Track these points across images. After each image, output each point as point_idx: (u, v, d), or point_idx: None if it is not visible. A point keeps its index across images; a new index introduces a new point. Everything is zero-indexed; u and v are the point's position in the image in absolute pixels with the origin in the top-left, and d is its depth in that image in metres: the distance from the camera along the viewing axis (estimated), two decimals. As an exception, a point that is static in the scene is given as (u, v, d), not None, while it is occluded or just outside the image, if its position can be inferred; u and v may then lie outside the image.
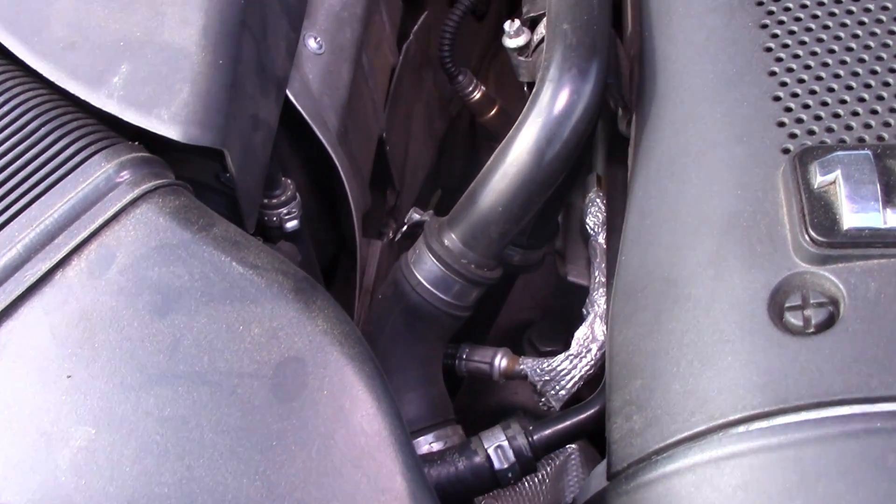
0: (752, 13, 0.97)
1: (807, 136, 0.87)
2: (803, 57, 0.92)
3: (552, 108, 0.96)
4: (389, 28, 1.59)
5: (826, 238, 0.79)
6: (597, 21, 0.99)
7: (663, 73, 1.00)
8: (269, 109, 1.05)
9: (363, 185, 1.44)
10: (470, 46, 2.31)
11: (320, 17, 1.25)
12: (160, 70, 0.92)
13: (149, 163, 0.91)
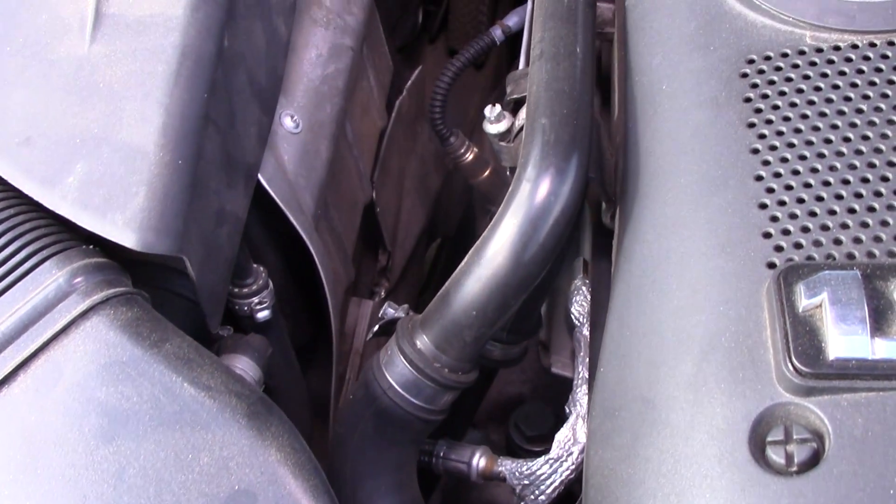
0: (739, 110, 0.92)
1: (793, 250, 0.82)
2: (791, 161, 0.87)
3: (528, 210, 0.91)
4: (377, 91, 1.55)
5: (811, 368, 0.74)
6: (577, 115, 0.95)
7: (647, 169, 0.96)
8: (237, 201, 1.01)
9: (345, 260, 1.40)
10: (468, 96, 2.28)
11: (298, 93, 1.21)
12: (116, 170, 0.88)
13: (103, 269, 0.87)
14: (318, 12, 1.29)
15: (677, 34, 1.01)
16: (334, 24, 1.30)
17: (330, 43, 1.28)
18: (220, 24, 0.97)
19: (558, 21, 1.03)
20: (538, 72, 0.99)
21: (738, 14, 0.99)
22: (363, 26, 1.37)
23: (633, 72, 1.04)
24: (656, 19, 1.04)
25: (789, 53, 0.94)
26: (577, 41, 1.02)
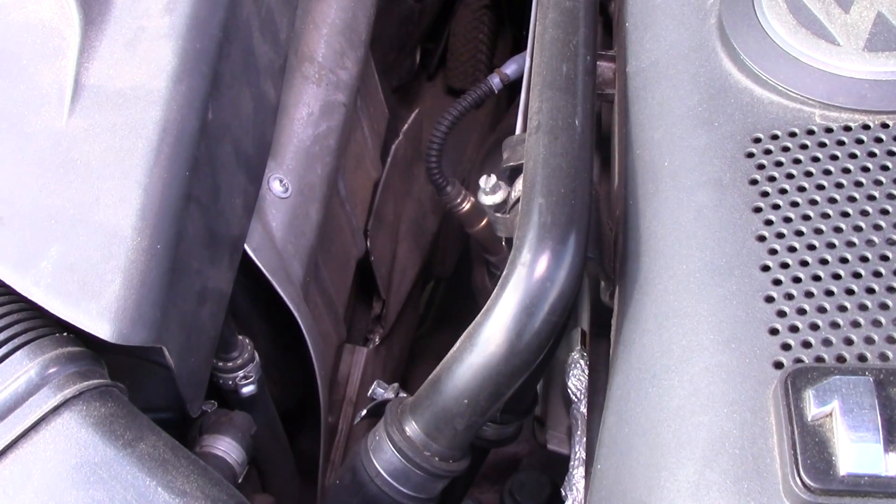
0: (745, 193, 0.88)
1: (801, 349, 0.78)
2: (799, 251, 0.83)
3: (523, 295, 0.87)
4: (372, 142, 1.51)
5: (820, 484, 0.70)
6: (575, 194, 0.91)
7: (648, 252, 0.92)
8: (221, 277, 0.97)
9: (336, 320, 1.36)
10: (466, 134, 2.24)
11: (288, 155, 1.17)
12: (92, 255, 0.84)
13: (77, 360, 0.83)
14: (311, 68, 1.25)
15: (680, 107, 0.97)
16: (326, 80, 1.26)
17: (322, 100, 1.25)
18: (204, 96, 0.93)
19: (556, 91, 0.99)
20: (535, 146, 0.96)
21: (743, 88, 0.95)
22: (357, 80, 1.34)
23: (634, 144, 1.00)
24: (658, 90, 1.00)
25: (797, 133, 0.90)
26: (576, 113, 0.98)
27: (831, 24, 0.93)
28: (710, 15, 1.01)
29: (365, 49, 1.38)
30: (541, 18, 1.10)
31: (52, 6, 0.98)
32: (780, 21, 0.95)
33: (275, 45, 1.10)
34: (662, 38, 1.04)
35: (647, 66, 1.04)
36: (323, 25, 1.29)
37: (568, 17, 1.07)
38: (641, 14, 1.09)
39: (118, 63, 0.93)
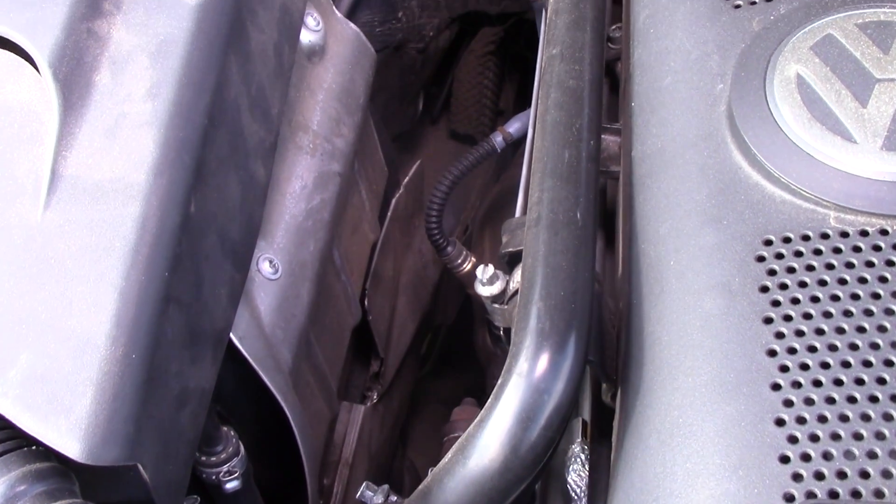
0: (755, 301, 0.83)
1: (813, 481, 0.73)
2: (812, 369, 0.78)
3: (519, 408, 0.82)
4: (370, 204, 1.47)
5: None
6: (575, 296, 0.86)
7: (651, 359, 0.87)
8: (203, 374, 0.92)
9: (329, 396, 1.31)
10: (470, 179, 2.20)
11: (278, 233, 1.13)
12: (63, 365, 0.79)
13: (47, 477, 0.78)
14: (305, 138, 1.21)
15: (687, 201, 0.92)
16: (321, 149, 1.22)
17: (316, 172, 1.20)
18: (187, 189, 0.88)
19: (558, 180, 0.95)
20: (534, 241, 0.91)
21: (754, 184, 0.90)
22: (353, 146, 1.29)
23: (639, 237, 0.95)
24: (664, 180, 0.96)
25: (811, 236, 0.85)
26: (578, 204, 0.93)
27: (847, 119, 0.88)
28: (720, 101, 0.97)
29: (363, 112, 1.34)
30: (542, 97, 1.05)
31: (32, 87, 0.93)
32: (794, 114, 0.90)
33: (266, 121, 1.05)
34: (669, 123, 0.99)
35: (653, 153, 0.99)
36: (319, 91, 1.25)
37: (571, 97, 1.03)
38: (648, 95, 1.04)
39: (97, 152, 0.89)
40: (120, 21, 0.97)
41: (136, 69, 0.94)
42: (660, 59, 1.05)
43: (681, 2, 1.07)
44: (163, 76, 0.92)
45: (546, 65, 1.09)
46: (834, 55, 0.93)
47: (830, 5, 0.98)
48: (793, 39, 0.95)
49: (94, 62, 0.94)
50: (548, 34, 1.13)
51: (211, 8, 0.97)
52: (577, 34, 1.10)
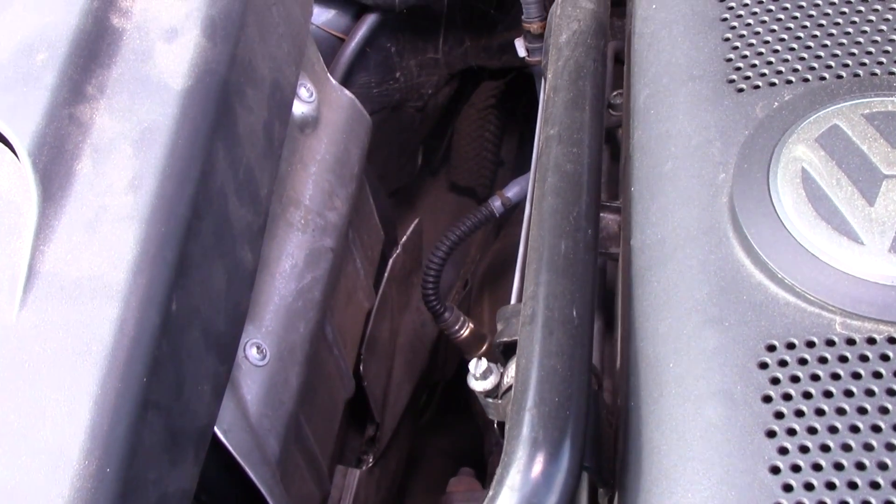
0: (758, 412, 0.80)
1: None
2: (817, 489, 0.75)
3: (510, 523, 0.79)
4: (365, 271, 1.44)
5: None
6: (570, 402, 0.83)
7: (650, 468, 0.83)
8: (184, 476, 0.89)
9: (320, 479, 1.28)
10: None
11: (267, 316, 1.09)
12: (34, 479, 0.76)
13: None
14: (296, 214, 1.18)
15: (687, 299, 0.89)
16: (313, 224, 1.19)
17: (308, 249, 1.17)
18: (168, 287, 0.85)
19: (554, 274, 0.92)
20: (528, 341, 0.87)
21: (757, 284, 0.86)
22: (347, 218, 1.26)
23: (638, 335, 0.92)
24: (664, 275, 0.92)
25: (816, 343, 0.82)
26: (575, 301, 0.90)
27: (854, 219, 0.85)
28: (722, 192, 0.93)
29: (357, 182, 1.31)
30: (539, 181, 1.02)
31: (11, 177, 0.91)
32: (798, 211, 0.87)
33: (254, 204, 1.02)
34: (670, 212, 0.96)
35: (653, 243, 0.96)
36: (311, 164, 1.22)
37: (568, 182, 1.00)
38: (648, 180, 1.01)
39: (76, 248, 0.86)
40: (103, 106, 0.94)
41: (119, 158, 0.91)
42: (660, 143, 1.02)
43: (682, 83, 1.04)
44: (145, 167, 0.90)
45: (543, 146, 1.06)
46: (840, 148, 0.90)
47: (836, 93, 0.95)
48: (797, 129, 0.92)
49: (76, 150, 0.91)
50: (545, 112, 1.10)
51: (197, 93, 0.94)
52: (576, 114, 1.07)
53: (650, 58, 1.10)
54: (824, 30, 1.02)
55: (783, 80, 0.99)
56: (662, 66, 1.07)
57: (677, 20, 1.10)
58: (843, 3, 1.04)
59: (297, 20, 1.16)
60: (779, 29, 1.03)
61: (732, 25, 1.05)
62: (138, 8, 1.00)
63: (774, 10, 1.05)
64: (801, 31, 1.02)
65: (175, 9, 1.00)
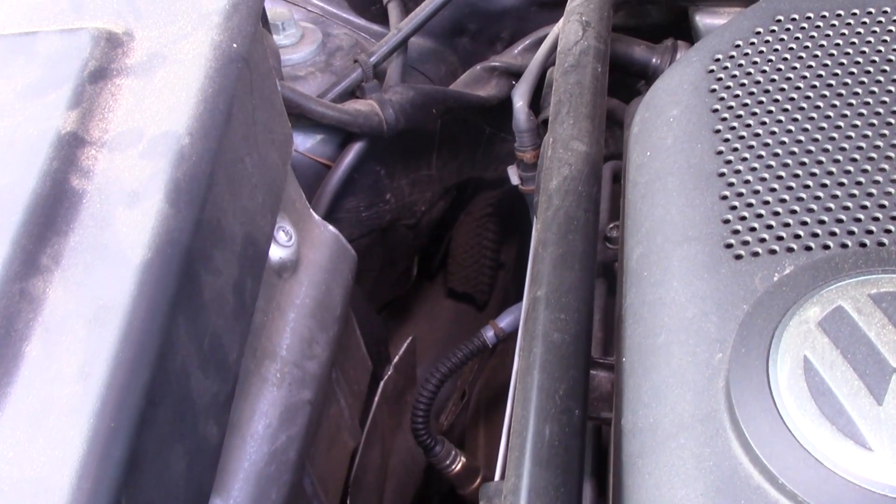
0: None
1: None
2: None
3: None
4: (350, 410, 1.37)
5: None
6: None
7: None
8: None
9: None
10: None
11: (235, 486, 1.03)
12: None
13: None
14: (271, 367, 1.12)
15: (682, 498, 0.82)
16: (290, 377, 1.13)
17: (283, 405, 1.11)
18: (116, 489, 0.79)
19: (537, 465, 0.85)
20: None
21: (755, 488, 0.79)
22: (327, 365, 1.20)
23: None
24: (657, 467, 0.85)
25: (821, 561, 0.75)
26: (560, 496, 0.83)
27: (861, 420, 0.78)
28: (719, 375, 0.87)
29: (340, 324, 1.25)
30: (525, 350, 0.96)
31: (-44, 358, 0.85)
32: (800, 407, 0.80)
33: (221, 372, 0.96)
34: (663, 393, 0.89)
35: (645, 428, 0.89)
36: (289, 310, 1.16)
37: (555, 355, 0.94)
38: (640, 352, 0.94)
39: (20, 444, 0.80)
40: (57, 279, 0.89)
41: (70, 341, 0.85)
42: (653, 312, 0.95)
43: (677, 244, 0.98)
44: (97, 351, 0.84)
45: (530, 308, 1.00)
46: (845, 335, 0.83)
47: (841, 267, 0.88)
48: (799, 310, 0.86)
49: (26, 330, 0.86)
50: (533, 269, 1.04)
51: (157, 267, 0.88)
52: (565, 274, 1.01)
53: (644, 211, 1.04)
54: (828, 190, 0.96)
55: (784, 247, 0.93)
56: (656, 223, 1.02)
57: (672, 172, 1.04)
58: (848, 161, 0.98)
59: (273, 165, 1.11)
60: (779, 188, 0.97)
61: (730, 182, 1.00)
62: (100, 168, 0.95)
63: (775, 167, 0.99)
64: (803, 191, 0.96)
65: (139, 169, 0.94)
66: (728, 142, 1.03)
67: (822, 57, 1.08)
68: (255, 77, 1.07)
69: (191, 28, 1.05)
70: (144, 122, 0.98)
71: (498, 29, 1.77)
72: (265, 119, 1.09)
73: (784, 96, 1.05)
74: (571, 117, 1.19)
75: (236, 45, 1.03)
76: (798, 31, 1.11)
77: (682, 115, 1.08)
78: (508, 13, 1.74)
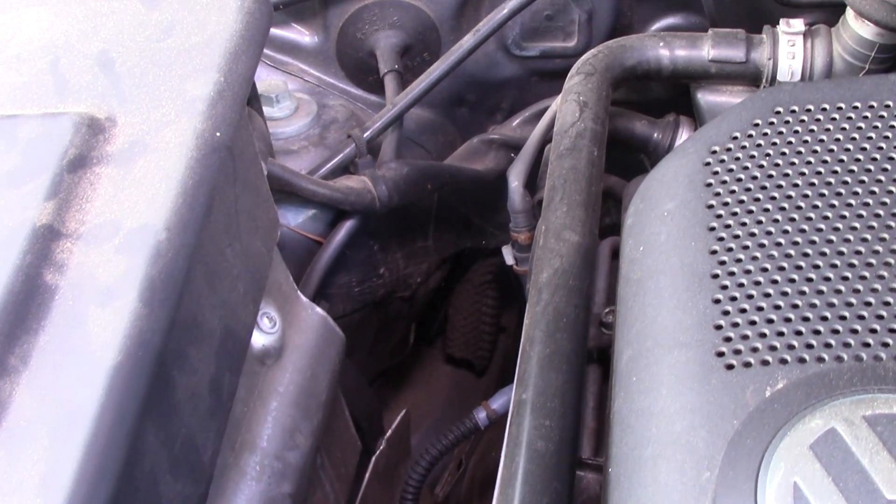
0: None
1: None
2: None
3: None
4: (335, 495, 1.34)
5: None
6: None
7: None
8: None
9: None
10: (467, 406, 2.07)
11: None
12: None
13: None
14: (251, 460, 1.08)
15: None
16: (270, 470, 1.10)
17: (262, 500, 1.08)
18: None
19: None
20: None
21: None
22: (310, 455, 1.17)
23: None
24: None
25: None
26: None
27: (855, 559, 0.75)
28: (706, 495, 0.83)
29: (326, 409, 1.22)
30: (508, 458, 0.93)
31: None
32: (789, 541, 0.77)
33: (194, 473, 0.93)
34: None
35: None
36: (271, 399, 1.13)
37: (538, 465, 0.91)
38: (627, 464, 0.91)
39: (-27, 563, 0.77)
40: (25, 381, 0.86)
41: (34, 449, 0.82)
42: (641, 422, 0.92)
43: (667, 349, 0.95)
44: (60, 461, 0.81)
45: (515, 411, 0.97)
46: (838, 460, 0.80)
47: (835, 384, 0.85)
48: (791, 431, 0.82)
49: (-11, 436, 0.83)
50: (519, 369, 1.01)
51: (127, 370, 0.85)
52: (552, 376, 0.98)
53: (635, 311, 1.01)
54: (824, 297, 0.93)
55: (777, 358, 0.89)
56: (647, 325, 0.98)
57: (665, 270, 1.01)
58: (846, 267, 0.95)
59: (256, 254, 1.08)
60: (774, 293, 0.94)
61: (724, 284, 0.96)
62: (74, 262, 0.93)
63: (770, 270, 0.96)
64: (798, 298, 0.93)
65: (114, 265, 0.92)
66: (723, 241, 1.00)
67: (822, 153, 1.05)
68: (238, 165, 1.05)
69: (174, 115, 1.03)
70: (122, 213, 0.96)
71: (498, 99, 1.76)
72: (249, 207, 1.07)
73: (781, 194, 1.02)
74: (565, 204, 1.17)
75: (220, 134, 1.01)
76: (797, 125, 1.09)
77: (677, 210, 1.05)
78: (508, 83, 1.72)
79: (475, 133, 1.71)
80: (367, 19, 1.59)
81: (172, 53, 1.10)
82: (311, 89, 1.64)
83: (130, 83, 1.08)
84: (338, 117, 1.56)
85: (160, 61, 1.09)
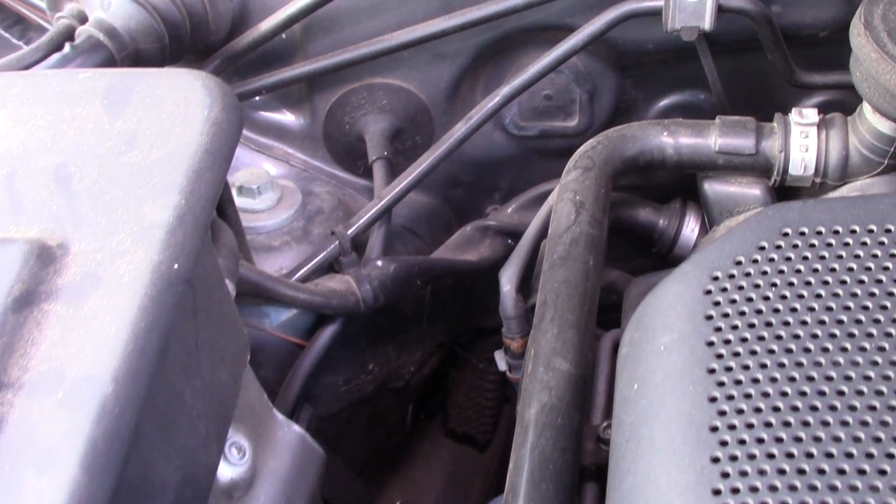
0: None
1: None
2: None
3: None
4: None
5: None
6: None
7: None
8: None
9: None
10: (469, 484, 1.99)
11: None
12: None
13: None
14: None
15: None
16: None
17: None
18: None
19: None
20: None
21: None
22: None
23: None
24: None
25: None
26: None
27: None
28: None
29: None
30: None
31: None
32: None
33: None
34: None
35: None
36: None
37: None
38: None
39: None
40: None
41: None
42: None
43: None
44: None
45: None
46: None
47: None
48: None
49: None
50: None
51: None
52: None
53: (627, 460, 0.93)
54: (833, 463, 0.84)
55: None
56: (640, 481, 0.90)
57: (660, 418, 0.93)
58: (858, 426, 0.86)
59: (221, 386, 1.01)
60: (778, 454, 0.86)
61: (723, 440, 0.88)
62: (14, 418, 0.86)
63: (775, 426, 0.87)
64: (804, 461, 0.84)
65: (55, 422, 0.85)
66: (723, 386, 0.92)
67: (833, 285, 0.96)
68: (199, 297, 0.97)
69: (130, 243, 0.95)
70: (68, 359, 0.89)
71: (495, 179, 1.67)
72: (212, 337, 1.00)
73: (788, 333, 0.94)
74: (556, 325, 1.09)
75: (178, 266, 0.94)
76: (807, 250, 1.00)
77: (675, 346, 0.97)
78: (506, 163, 1.64)
79: (472, 214, 1.63)
80: (355, 103, 1.52)
81: (133, 169, 1.03)
82: (297, 174, 1.56)
83: (87, 203, 1.01)
84: (323, 207, 1.48)
85: (119, 179, 1.02)
